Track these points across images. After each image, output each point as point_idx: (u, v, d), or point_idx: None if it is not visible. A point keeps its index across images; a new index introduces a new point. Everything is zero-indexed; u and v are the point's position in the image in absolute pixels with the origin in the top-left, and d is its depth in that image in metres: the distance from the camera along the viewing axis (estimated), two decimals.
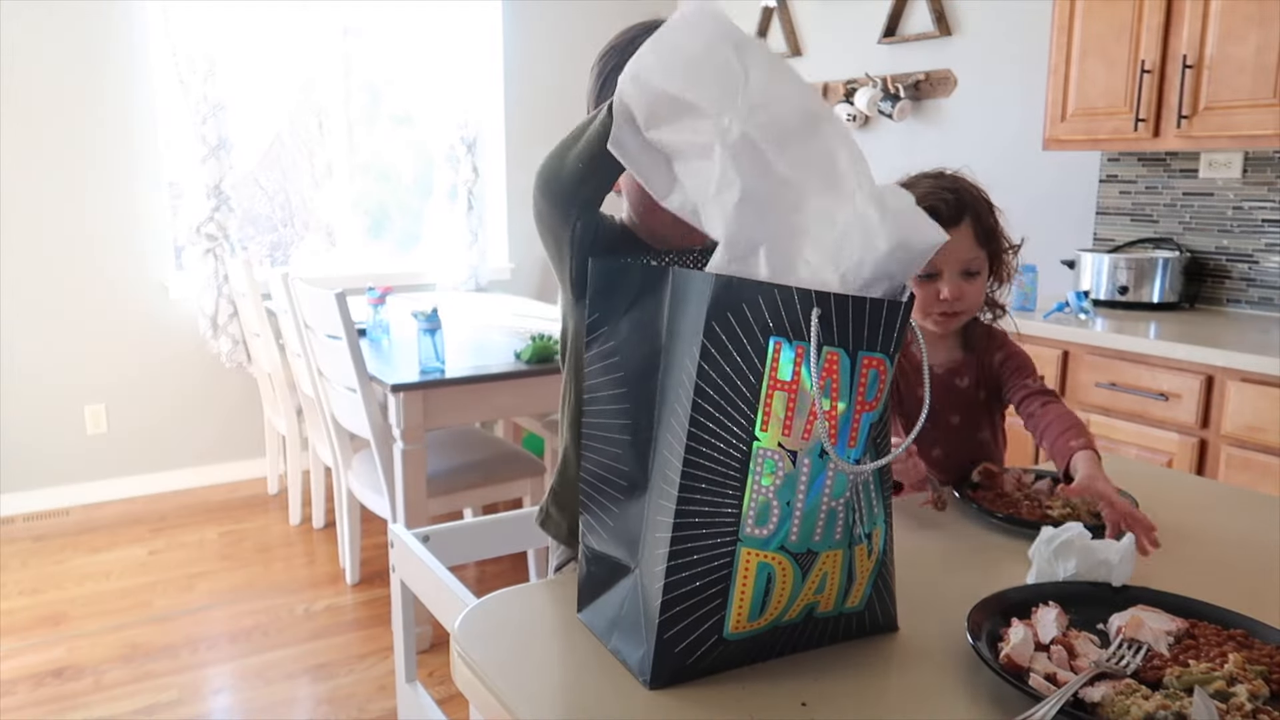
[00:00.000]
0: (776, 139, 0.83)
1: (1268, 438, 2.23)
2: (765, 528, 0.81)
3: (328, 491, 3.52)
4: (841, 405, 0.80)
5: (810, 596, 0.85)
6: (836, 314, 0.78)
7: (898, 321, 0.80)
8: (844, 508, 0.83)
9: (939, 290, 1.38)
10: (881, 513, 0.88)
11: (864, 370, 0.80)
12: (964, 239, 1.37)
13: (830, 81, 4.03)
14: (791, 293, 0.79)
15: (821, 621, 0.89)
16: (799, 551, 0.82)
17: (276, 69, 4.02)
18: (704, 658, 0.84)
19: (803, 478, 0.81)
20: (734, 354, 0.81)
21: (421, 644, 2.62)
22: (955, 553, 1.17)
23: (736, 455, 0.81)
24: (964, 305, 1.40)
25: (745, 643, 0.86)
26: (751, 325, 0.80)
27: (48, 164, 3.57)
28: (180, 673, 2.52)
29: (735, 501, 0.81)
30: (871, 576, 0.89)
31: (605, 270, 0.94)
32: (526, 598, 1.02)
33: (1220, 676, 0.80)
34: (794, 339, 0.79)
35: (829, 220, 0.82)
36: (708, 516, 0.82)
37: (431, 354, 2.58)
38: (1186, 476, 1.57)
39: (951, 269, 1.38)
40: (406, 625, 1.63)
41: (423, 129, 4.46)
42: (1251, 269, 2.80)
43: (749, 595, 0.82)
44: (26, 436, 3.65)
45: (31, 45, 3.48)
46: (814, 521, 0.82)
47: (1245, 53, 2.44)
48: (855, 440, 0.81)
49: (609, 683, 0.85)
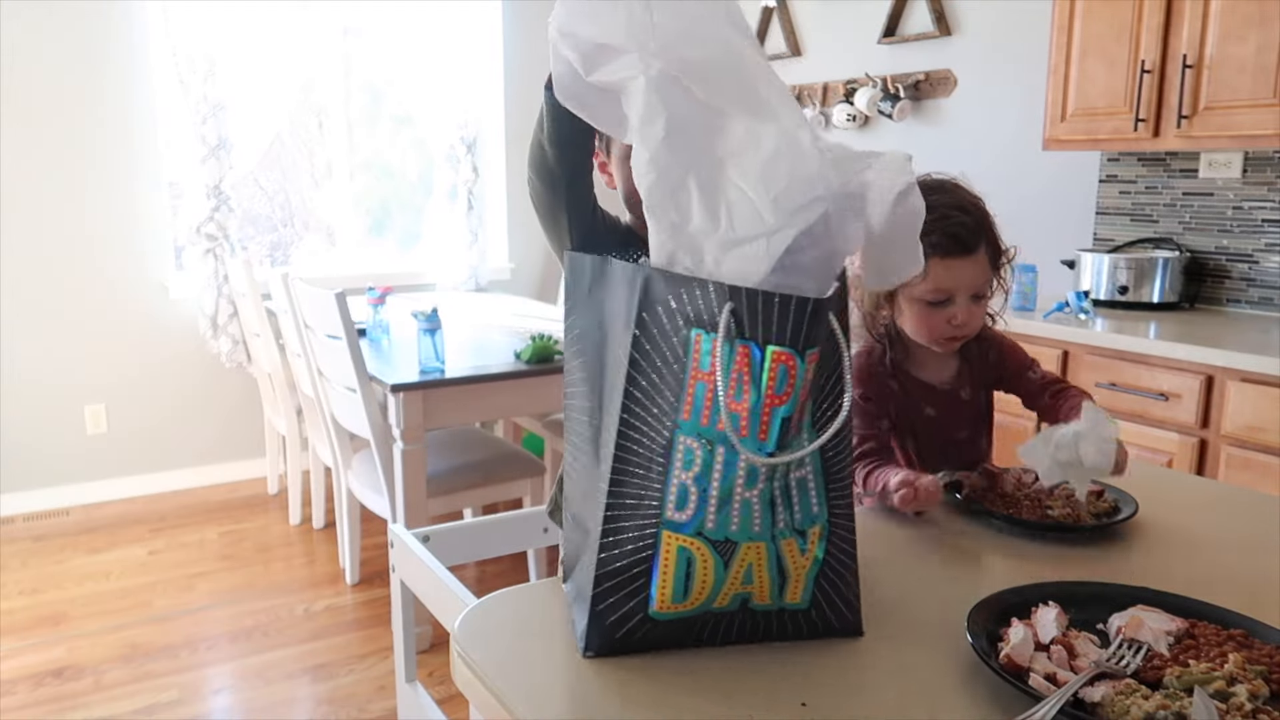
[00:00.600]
0: (696, 75, 0.85)
1: (1268, 438, 2.23)
2: (684, 513, 0.85)
3: (328, 491, 3.52)
4: (752, 398, 0.82)
5: (738, 587, 0.87)
6: (748, 309, 0.81)
7: (805, 317, 0.81)
8: (759, 500, 0.85)
9: (951, 315, 1.37)
10: (824, 513, 0.89)
11: (774, 364, 0.82)
12: (980, 266, 1.36)
13: (830, 81, 4.03)
14: (708, 287, 0.82)
15: (762, 615, 0.91)
16: (717, 539, 0.85)
17: (276, 69, 4.01)
18: (633, 633, 0.88)
19: (717, 466, 0.84)
20: (660, 344, 0.85)
21: (421, 644, 2.62)
22: (955, 553, 1.17)
23: (661, 441, 0.85)
24: (970, 329, 1.39)
25: (675, 624, 0.88)
26: (676, 317, 0.84)
27: (48, 164, 3.57)
28: (180, 673, 2.52)
29: (659, 486, 0.85)
30: (810, 575, 0.90)
31: (574, 263, 0.99)
32: (526, 598, 1.02)
33: (1220, 676, 0.80)
34: (711, 331, 0.83)
35: (755, 142, 0.83)
36: (636, 499, 0.86)
37: (431, 354, 2.58)
38: (1186, 476, 1.57)
39: (964, 294, 1.36)
40: (406, 625, 1.63)
41: (423, 129, 4.46)
42: (1251, 269, 2.80)
43: (671, 577, 0.86)
44: (26, 436, 3.65)
45: (31, 45, 3.48)
46: (729, 511, 0.84)
47: (1245, 53, 2.44)
48: (766, 434, 0.83)
49: (609, 683, 0.85)
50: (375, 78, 4.35)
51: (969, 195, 1.37)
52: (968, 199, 1.37)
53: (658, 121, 0.84)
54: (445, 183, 4.39)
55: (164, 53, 3.67)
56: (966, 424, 1.47)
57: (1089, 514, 1.24)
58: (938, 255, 1.30)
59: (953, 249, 1.32)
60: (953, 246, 1.32)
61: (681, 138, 0.84)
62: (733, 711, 0.80)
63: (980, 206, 1.37)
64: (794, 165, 0.81)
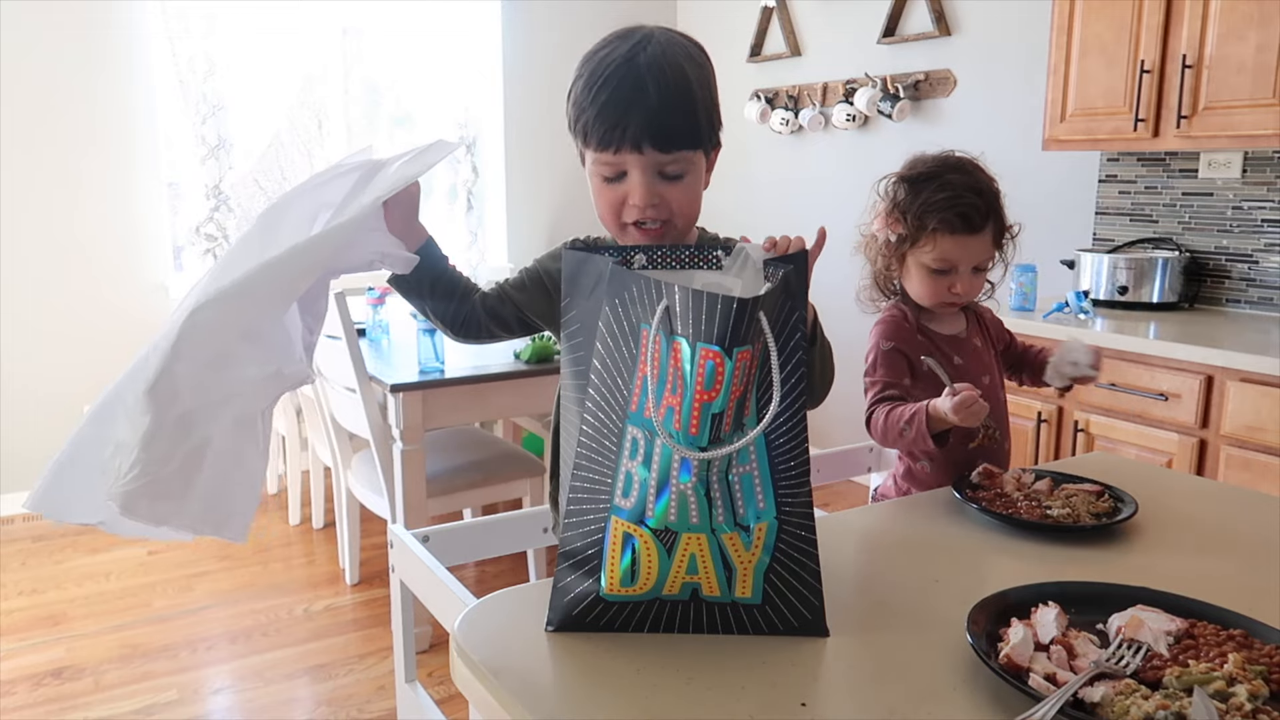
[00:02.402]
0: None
1: (1267, 438, 2.23)
2: (629, 500, 0.89)
3: (327, 492, 3.52)
4: (685, 393, 0.85)
5: (684, 576, 0.90)
6: (679, 307, 0.84)
7: (732, 316, 0.82)
8: (694, 493, 0.87)
9: (952, 284, 1.49)
10: (772, 509, 0.90)
11: (702, 361, 0.84)
12: (984, 243, 1.49)
13: (830, 81, 4.03)
14: (653, 284, 0.86)
15: (715, 606, 0.93)
16: (657, 528, 0.88)
17: (276, 69, 4.01)
18: (587, 612, 0.92)
19: (655, 457, 0.87)
20: (619, 337, 0.90)
21: (421, 644, 2.62)
22: (955, 553, 1.17)
23: (614, 431, 0.90)
24: (968, 297, 1.52)
25: (628, 608, 0.92)
26: (631, 312, 0.89)
27: (47, 164, 3.57)
28: (180, 673, 2.52)
29: (610, 473, 0.90)
30: (759, 570, 0.91)
31: (569, 260, 1.02)
32: (526, 598, 1.02)
33: (1220, 676, 0.80)
34: (655, 327, 0.87)
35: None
36: (594, 484, 0.91)
37: (431, 354, 2.58)
38: (1186, 476, 1.57)
39: (966, 267, 1.48)
40: (406, 625, 1.63)
41: (423, 129, 4.46)
42: (1251, 269, 2.80)
43: (618, 562, 0.90)
44: (26, 436, 3.65)
45: (31, 45, 3.48)
46: (666, 500, 0.87)
47: (1245, 52, 2.44)
48: (697, 428, 0.85)
49: (609, 683, 0.85)
50: (375, 78, 4.35)
51: (985, 176, 1.49)
52: (983, 180, 1.48)
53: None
54: (445, 183, 4.39)
55: (163, 52, 3.67)
56: (987, 370, 1.57)
57: (1089, 514, 1.24)
58: (947, 231, 1.45)
59: (960, 227, 1.45)
60: (961, 225, 1.45)
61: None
62: (733, 712, 0.80)
63: (993, 188, 1.49)
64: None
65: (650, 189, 1.14)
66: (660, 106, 1.10)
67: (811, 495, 0.93)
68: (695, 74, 1.14)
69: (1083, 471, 1.41)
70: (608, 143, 1.12)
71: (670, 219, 1.17)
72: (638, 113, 1.10)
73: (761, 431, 0.87)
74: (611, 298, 0.91)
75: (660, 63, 1.11)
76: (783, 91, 4.24)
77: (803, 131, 4.16)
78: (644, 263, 1.01)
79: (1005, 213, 1.50)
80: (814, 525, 0.93)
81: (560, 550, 0.93)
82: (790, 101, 4.19)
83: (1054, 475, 1.37)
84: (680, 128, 1.12)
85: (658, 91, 1.10)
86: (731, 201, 4.51)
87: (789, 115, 4.12)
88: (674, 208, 1.16)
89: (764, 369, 0.88)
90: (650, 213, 1.15)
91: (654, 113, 1.10)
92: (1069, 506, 1.25)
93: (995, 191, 1.49)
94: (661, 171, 1.14)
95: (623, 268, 0.91)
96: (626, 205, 1.16)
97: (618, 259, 0.98)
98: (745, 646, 0.91)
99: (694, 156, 1.16)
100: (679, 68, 1.12)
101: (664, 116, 1.11)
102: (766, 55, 4.32)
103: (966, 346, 1.57)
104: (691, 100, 1.13)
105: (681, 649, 0.91)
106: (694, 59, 1.16)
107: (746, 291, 0.96)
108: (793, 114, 4.12)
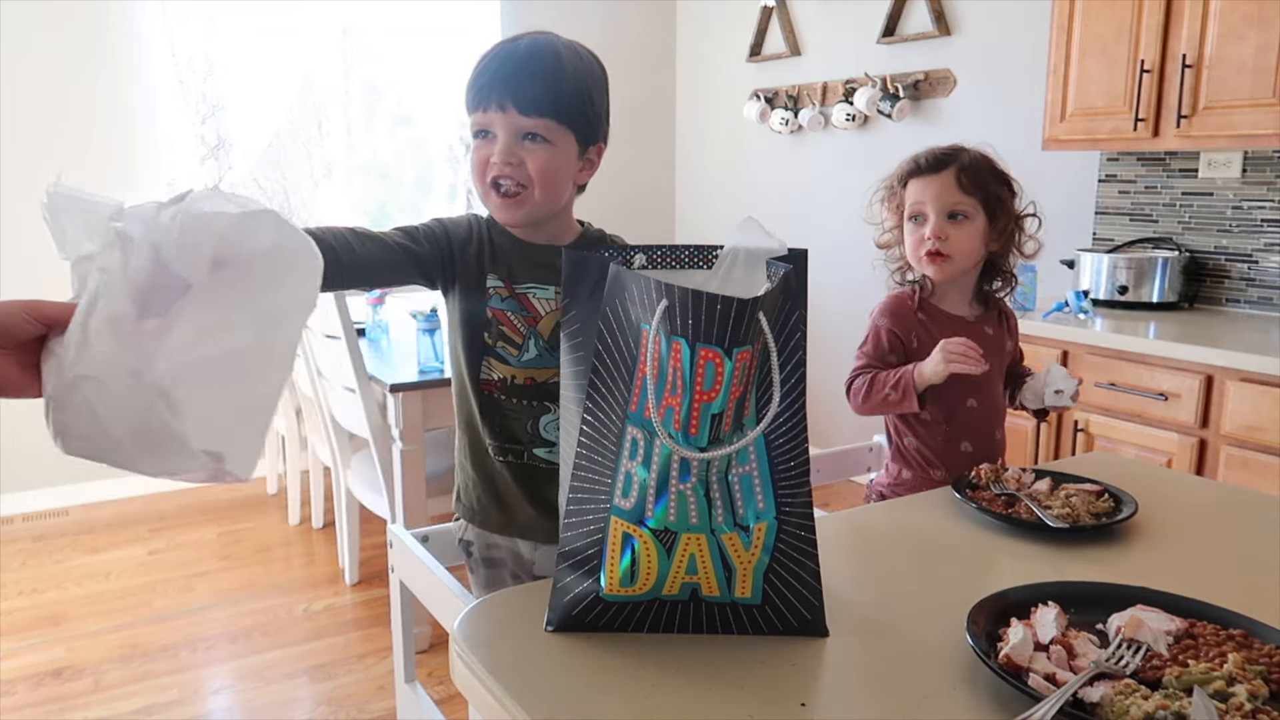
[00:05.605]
0: None
1: (1267, 437, 2.23)
2: (629, 500, 0.88)
3: (327, 491, 3.52)
4: (685, 394, 0.85)
5: (684, 576, 0.90)
6: (679, 307, 0.83)
7: (732, 317, 0.83)
8: (694, 493, 0.87)
9: (925, 230, 1.55)
10: (771, 510, 0.90)
11: (701, 361, 0.84)
12: (947, 184, 1.55)
13: (829, 81, 4.03)
14: (653, 284, 0.85)
15: (715, 607, 0.93)
16: (657, 528, 0.88)
17: (276, 69, 4.01)
18: (587, 612, 0.92)
19: (655, 457, 0.87)
20: (619, 336, 0.90)
21: (421, 644, 2.62)
22: (955, 553, 1.17)
23: (614, 430, 0.90)
24: (951, 248, 1.55)
25: (627, 608, 0.92)
26: (631, 311, 0.89)
27: (47, 163, 3.56)
28: (180, 673, 2.52)
29: (610, 473, 0.90)
30: (758, 571, 0.91)
31: (569, 259, 1.03)
32: (526, 598, 1.02)
33: (1220, 676, 0.80)
34: (655, 327, 0.87)
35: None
36: (594, 484, 0.91)
37: (430, 354, 2.58)
38: (1186, 476, 1.58)
39: (933, 209, 1.55)
40: (405, 625, 1.63)
41: (422, 129, 4.46)
42: (1251, 269, 2.80)
43: (618, 562, 0.89)
44: (26, 436, 3.65)
45: (30, 45, 3.48)
46: (665, 501, 0.87)
47: (1245, 52, 2.44)
48: (697, 429, 0.85)
49: (609, 683, 0.85)
50: (375, 78, 4.35)
51: (974, 151, 1.58)
52: (962, 149, 1.59)
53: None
54: (445, 183, 4.39)
55: (163, 52, 3.67)
56: (991, 355, 1.58)
57: (1089, 514, 1.24)
58: (912, 175, 1.57)
59: (919, 170, 1.57)
60: (918, 169, 1.57)
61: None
62: (733, 712, 0.80)
63: (970, 153, 1.58)
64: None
65: (509, 148, 1.23)
66: (523, 71, 1.22)
67: (811, 495, 0.92)
68: (571, 61, 1.26)
69: (1083, 471, 1.41)
70: (476, 103, 1.23)
71: (530, 186, 1.24)
72: (502, 75, 1.22)
73: (761, 432, 0.87)
74: (611, 298, 0.91)
75: (536, 44, 1.25)
76: (782, 91, 4.24)
77: (802, 131, 4.16)
78: (644, 263, 1.01)
79: (999, 184, 1.58)
80: (814, 525, 0.93)
81: (560, 550, 0.93)
82: (790, 101, 4.19)
83: (1054, 475, 1.37)
84: (542, 95, 1.22)
85: (526, 60, 1.23)
86: (731, 201, 4.51)
87: (789, 115, 4.12)
88: (532, 173, 1.24)
89: (764, 369, 0.88)
90: (508, 170, 1.23)
91: (516, 75, 1.22)
92: (1069, 506, 1.25)
93: (976, 156, 1.57)
94: (524, 134, 1.23)
95: (623, 268, 0.91)
96: (489, 164, 1.24)
97: (618, 259, 0.98)
98: (745, 646, 0.91)
99: (558, 129, 1.24)
100: (553, 49, 1.25)
101: (525, 79, 1.22)
102: (766, 55, 4.32)
103: (974, 330, 1.60)
104: (558, 76, 1.24)
105: (681, 649, 0.91)
106: (578, 54, 1.28)
107: (746, 291, 0.96)
108: (792, 114, 4.12)
